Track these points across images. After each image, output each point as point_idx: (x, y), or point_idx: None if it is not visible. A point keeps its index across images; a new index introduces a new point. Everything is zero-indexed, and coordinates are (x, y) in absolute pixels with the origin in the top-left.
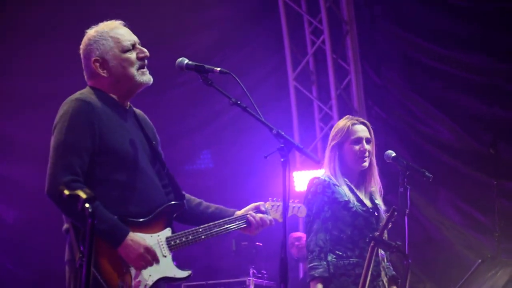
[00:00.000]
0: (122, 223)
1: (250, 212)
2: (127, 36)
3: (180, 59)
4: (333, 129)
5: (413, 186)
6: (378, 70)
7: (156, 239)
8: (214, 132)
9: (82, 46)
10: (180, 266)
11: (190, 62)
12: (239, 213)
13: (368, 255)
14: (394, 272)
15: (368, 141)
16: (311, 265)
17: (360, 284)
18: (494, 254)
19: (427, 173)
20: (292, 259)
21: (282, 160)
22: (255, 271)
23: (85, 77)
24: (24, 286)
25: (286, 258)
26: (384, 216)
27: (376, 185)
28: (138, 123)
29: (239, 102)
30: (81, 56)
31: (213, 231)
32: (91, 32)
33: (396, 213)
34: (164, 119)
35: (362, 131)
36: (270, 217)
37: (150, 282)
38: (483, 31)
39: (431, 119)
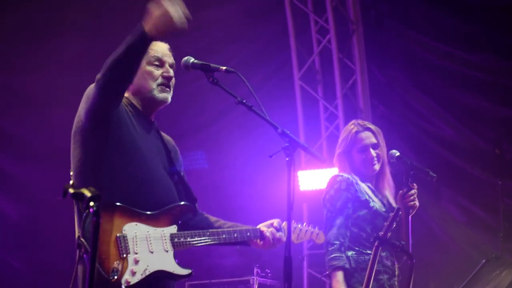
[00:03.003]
0: (127, 213)
1: (263, 228)
2: (159, 51)
3: (186, 58)
4: (339, 139)
5: (417, 185)
6: (383, 69)
7: (160, 233)
8: (216, 132)
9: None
10: (181, 264)
11: (195, 61)
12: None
13: (372, 254)
14: None
15: (375, 146)
16: (332, 256)
17: (364, 284)
18: (498, 253)
19: (431, 173)
20: (296, 258)
21: (287, 159)
22: (259, 270)
23: None
24: (28, 283)
25: (290, 257)
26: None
27: (388, 186)
28: (159, 136)
29: (244, 101)
30: None
31: (220, 237)
32: None
33: (400, 212)
34: (169, 117)
35: (366, 138)
36: (282, 234)
37: (146, 273)
38: (488, 29)
39: (436, 117)
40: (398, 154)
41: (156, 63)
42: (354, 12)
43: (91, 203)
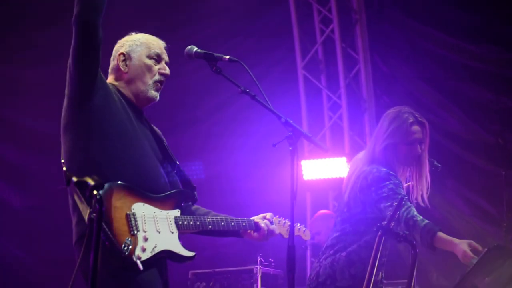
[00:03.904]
0: (136, 193)
1: (257, 220)
2: (158, 47)
3: (189, 47)
4: (385, 123)
5: None
6: (386, 59)
7: (165, 215)
8: (217, 123)
9: (119, 41)
10: (185, 246)
11: (199, 50)
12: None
13: (375, 244)
14: None
15: (421, 142)
16: (425, 222)
17: (368, 272)
18: (501, 244)
19: (435, 163)
20: (300, 248)
21: (290, 148)
22: (262, 259)
23: (109, 73)
24: (31, 273)
25: (293, 246)
26: None
27: (420, 184)
28: (149, 125)
29: (248, 90)
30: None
31: (220, 224)
32: (134, 34)
33: (403, 203)
34: (170, 107)
35: (418, 132)
36: (275, 227)
37: (155, 251)
38: (492, 20)
39: (439, 108)
40: None
41: (155, 57)
42: (357, 2)
43: (94, 192)
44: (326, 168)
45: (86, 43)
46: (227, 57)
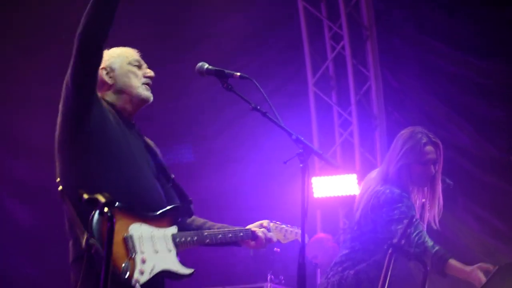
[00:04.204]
0: (131, 213)
1: (254, 228)
2: (136, 57)
3: (200, 63)
4: (398, 144)
5: None
6: (397, 75)
7: (162, 233)
8: (228, 140)
9: None
10: (183, 263)
11: (210, 67)
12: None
13: (386, 262)
14: None
15: (435, 163)
16: (437, 249)
17: None
18: None
19: (447, 180)
20: (311, 265)
21: (301, 165)
22: (272, 276)
23: None
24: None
25: (304, 264)
26: None
27: (433, 205)
28: (142, 139)
29: (258, 107)
30: None
31: (217, 237)
32: (105, 50)
33: (414, 220)
34: (183, 123)
35: (431, 152)
36: (272, 234)
37: (153, 272)
38: (502, 37)
39: (450, 124)
40: None
41: (136, 63)
42: (368, 18)
43: (105, 209)
44: (336, 186)
45: (87, 62)
46: (238, 74)
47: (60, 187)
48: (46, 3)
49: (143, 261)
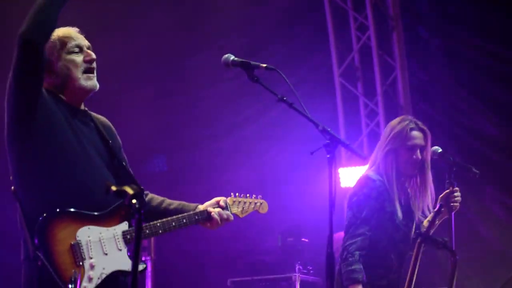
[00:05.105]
0: (78, 217)
1: (210, 208)
2: (74, 38)
3: (226, 55)
4: (387, 130)
5: (459, 182)
6: (423, 65)
7: (112, 233)
8: (254, 132)
9: None
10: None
11: (236, 59)
12: (201, 207)
13: (414, 251)
14: None
15: (422, 149)
16: (352, 267)
17: (406, 283)
18: None
19: (473, 169)
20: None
21: (328, 156)
22: (301, 267)
23: None
24: None
25: (332, 254)
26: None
27: (426, 192)
28: (94, 125)
29: (285, 98)
30: None
31: (171, 225)
32: None
33: (443, 209)
34: (209, 114)
35: (418, 138)
36: (228, 212)
37: (102, 276)
38: None
39: (477, 114)
40: (440, 150)
41: (76, 49)
42: (394, 9)
43: (133, 201)
44: None
45: (27, 65)
46: (264, 65)
47: (13, 188)
48: None
49: (92, 267)
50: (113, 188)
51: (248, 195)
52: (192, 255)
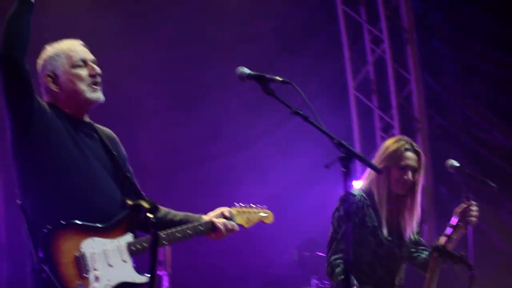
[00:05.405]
0: (82, 229)
1: (214, 219)
2: (80, 52)
3: (241, 69)
4: (382, 148)
5: (475, 196)
6: (438, 78)
7: (116, 245)
8: (270, 144)
9: (38, 61)
10: (139, 270)
11: (251, 72)
12: (205, 218)
13: (431, 265)
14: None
15: (414, 171)
16: (341, 277)
17: None
18: None
19: (490, 183)
20: None
21: (343, 170)
22: (317, 281)
23: (42, 94)
24: None
25: (350, 270)
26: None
27: (412, 214)
28: (98, 137)
29: (300, 111)
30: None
31: (175, 236)
32: (48, 48)
33: (460, 224)
34: (226, 127)
35: (411, 159)
36: (233, 223)
37: (108, 287)
38: None
39: (492, 126)
40: (456, 164)
41: (80, 63)
42: (408, 21)
43: (149, 215)
44: None
45: (11, 80)
46: (279, 78)
47: (19, 201)
48: None
49: (96, 279)
50: (129, 202)
51: (252, 205)
52: (208, 269)
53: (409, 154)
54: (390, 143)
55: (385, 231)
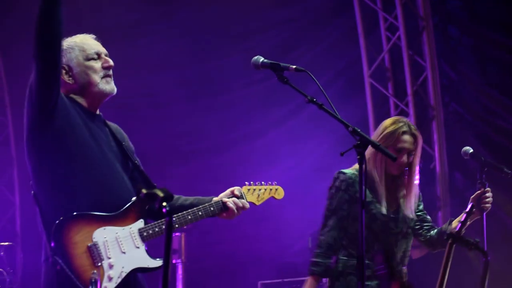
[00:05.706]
0: (93, 219)
1: (225, 198)
2: (93, 46)
3: (256, 57)
4: (380, 128)
5: (491, 183)
6: (454, 65)
7: (128, 231)
8: (284, 132)
9: None
10: (152, 255)
11: (265, 60)
12: (216, 199)
13: (446, 253)
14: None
15: (410, 153)
16: (315, 260)
17: (438, 284)
18: None
19: (505, 169)
20: None
21: (358, 157)
22: None
23: None
24: None
25: (363, 256)
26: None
27: (410, 193)
28: (108, 129)
29: (315, 99)
30: None
31: (187, 218)
32: (62, 42)
33: (474, 210)
34: (239, 118)
35: (408, 142)
36: (244, 201)
37: (122, 275)
38: None
39: (508, 114)
40: (471, 151)
41: (94, 56)
42: (424, 8)
43: (164, 203)
44: None
45: (47, 76)
46: (294, 66)
47: (32, 192)
48: None
49: (111, 266)
50: (144, 191)
51: (262, 182)
52: (223, 257)
53: (406, 137)
54: (388, 124)
55: (384, 209)
